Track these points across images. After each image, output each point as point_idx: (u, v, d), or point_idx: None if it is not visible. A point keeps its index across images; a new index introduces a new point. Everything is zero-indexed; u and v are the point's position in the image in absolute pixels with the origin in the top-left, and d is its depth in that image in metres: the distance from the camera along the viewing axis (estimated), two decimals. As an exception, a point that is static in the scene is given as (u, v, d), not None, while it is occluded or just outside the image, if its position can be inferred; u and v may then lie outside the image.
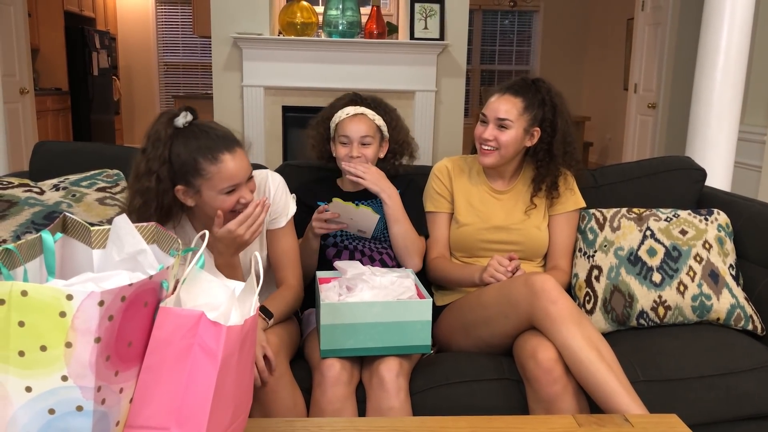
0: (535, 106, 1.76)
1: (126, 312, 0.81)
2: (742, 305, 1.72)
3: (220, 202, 1.41)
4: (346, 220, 1.69)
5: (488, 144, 1.75)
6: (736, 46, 2.59)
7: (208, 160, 1.37)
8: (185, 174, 1.39)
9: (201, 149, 1.38)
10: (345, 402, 1.45)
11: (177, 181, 1.40)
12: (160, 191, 1.38)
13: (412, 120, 4.26)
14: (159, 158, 1.37)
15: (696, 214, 1.85)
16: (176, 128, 1.39)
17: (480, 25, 8.33)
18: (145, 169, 1.38)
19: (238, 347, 0.92)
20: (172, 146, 1.38)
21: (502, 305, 1.54)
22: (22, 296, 0.77)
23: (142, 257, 0.97)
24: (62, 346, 0.78)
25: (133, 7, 8.03)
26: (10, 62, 4.70)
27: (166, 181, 1.38)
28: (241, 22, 4.13)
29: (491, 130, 1.75)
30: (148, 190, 1.38)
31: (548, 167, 1.80)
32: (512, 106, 1.74)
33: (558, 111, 1.78)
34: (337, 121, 1.83)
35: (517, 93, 1.76)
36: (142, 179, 1.38)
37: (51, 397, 0.80)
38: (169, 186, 1.39)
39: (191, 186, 1.40)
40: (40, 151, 1.96)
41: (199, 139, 1.39)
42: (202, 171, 1.38)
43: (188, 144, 1.38)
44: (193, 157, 1.37)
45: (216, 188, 1.39)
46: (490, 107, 1.77)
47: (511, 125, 1.73)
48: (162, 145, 1.37)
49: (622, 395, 1.33)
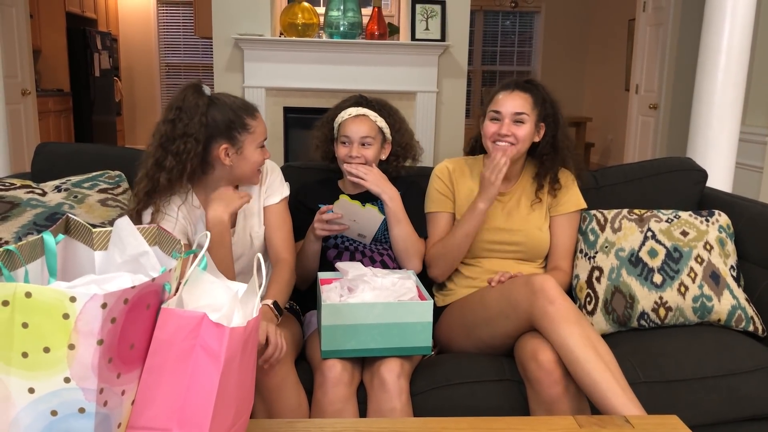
0: (539, 102, 1.80)
1: (128, 314, 0.82)
2: (743, 306, 1.72)
3: (256, 156, 1.61)
4: (348, 222, 1.69)
5: (506, 140, 1.75)
6: (737, 47, 2.59)
7: (250, 116, 1.60)
8: (230, 131, 1.57)
9: (241, 108, 1.59)
10: (346, 403, 1.45)
11: (219, 141, 1.56)
12: (197, 153, 1.54)
13: (414, 121, 4.27)
14: (198, 123, 1.52)
15: (697, 216, 1.85)
16: (208, 97, 1.57)
17: (481, 25, 8.33)
18: (182, 132, 1.52)
19: (241, 349, 0.92)
20: (208, 112, 1.55)
21: (503, 305, 1.55)
22: (26, 298, 0.77)
23: (144, 259, 0.97)
24: (65, 347, 0.78)
25: (135, 8, 8.04)
26: (11, 63, 4.71)
27: (202, 143, 1.54)
28: (243, 23, 4.14)
29: (508, 125, 1.75)
30: (185, 150, 1.52)
31: (554, 160, 1.83)
32: (525, 101, 1.76)
33: (557, 107, 1.83)
34: (340, 121, 1.84)
35: (524, 89, 1.79)
36: (177, 142, 1.52)
37: (53, 398, 0.80)
38: (203, 149, 1.55)
39: (235, 142, 1.58)
40: (42, 153, 1.97)
41: (235, 102, 1.60)
42: (248, 125, 1.58)
43: (225, 107, 1.57)
44: (238, 115, 1.58)
45: (256, 141, 1.61)
46: (503, 104, 1.77)
47: (527, 119, 1.75)
48: (199, 111, 1.53)
49: (618, 395, 1.32)
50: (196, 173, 1.61)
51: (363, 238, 1.76)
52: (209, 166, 1.61)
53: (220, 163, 1.59)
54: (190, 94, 1.55)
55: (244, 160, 1.60)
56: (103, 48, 7.14)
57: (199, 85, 1.58)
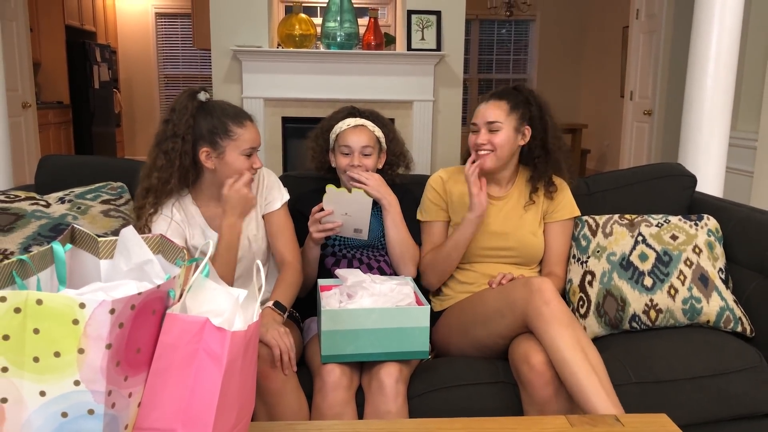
0: (520, 105, 1.83)
1: (135, 320, 0.85)
2: (731, 308, 1.76)
3: (239, 163, 1.64)
4: (340, 218, 1.73)
5: (483, 148, 1.81)
6: (725, 53, 2.62)
7: (236, 124, 1.63)
8: (213, 136, 1.62)
9: (229, 115, 1.64)
10: (345, 406, 1.48)
11: (202, 144, 1.62)
12: (183, 152, 1.61)
13: (411, 130, 4.30)
14: (185, 124, 1.60)
15: (686, 220, 1.89)
16: (200, 101, 1.64)
17: (477, 34, 8.39)
18: (172, 133, 1.61)
19: (242, 352, 0.96)
20: (196, 115, 1.62)
21: (500, 304, 1.59)
22: (38, 305, 0.81)
23: (149, 267, 1.01)
24: (75, 352, 0.82)
25: (134, 20, 8.10)
26: (12, 77, 4.75)
27: (189, 143, 1.61)
28: (241, 34, 4.18)
29: (484, 134, 1.81)
30: (173, 150, 1.60)
31: (546, 162, 1.86)
32: (498, 108, 1.81)
33: (544, 109, 1.86)
34: (338, 131, 1.88)
35: (500, 97, 1.84)
36: (167, 141, 1.61)
37: (64, 401, 0.83)
38: (190, 149, 1.62)
39: (217, 147, 1.62)
40: (46, 165, 2.01)
41: (225, 109, 1.66)
42: (230, 132, 1.62)
43: (214, 112, 1.63)
44: (222, 121, 1.62)
45: (239, 148, 1.63)
46: (477, 114, 1.84)
47: (501, 126, 1.80)
48: (188, 113, 1.61)
49: (602, 397, 1.36)
50: (189, 175, 1.66)
51: (359, 234, 1.77)
52: (200, 169, 1.68)
53: (207, 168, 1.66)
54: (185, 97, 1.64)
55: (226, 165, 1.64)
56: (103, 60, 7.18)
57: (196, 90, 1.66)
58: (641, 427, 1.22)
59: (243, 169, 1.64)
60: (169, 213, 1.67)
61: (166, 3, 8.05)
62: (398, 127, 2.07)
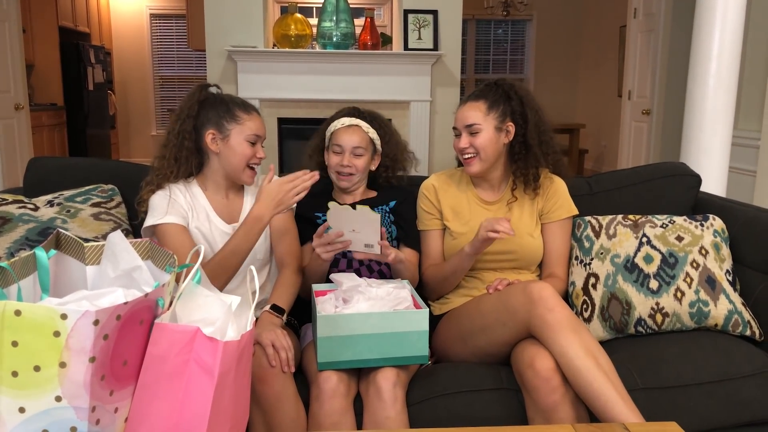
0: (499, 102, 1.77)
1: (121, 330, 0.81)
2: (739, 311, 1.72)
3: (243, 149, 1.66)
4: (348, 235, 1.61)
5: (467, 152, 1.77)
6: (728, 52, 2.60)
7: (242, 110, 1.68)
8: (219, 119, 1.66)
9: (236, 103, 1.70)
10: (343, 415, 1.44)
11: (208, 127, 1.66)
12: (189, 132, 1.68)
13: (408, 130, 4.28)
14: (192, 104, 1.68)
15: (692, 220, 1.85)
16: (210, 92, 1.72)
17: (474, 34, 8.37)
18: (178, 114, 1.70)
19: (235, 363, 0.92)
20: (205, 101, 1.69)
21: (500, 313, 1.54)
22: (16, 316, 0.76)
23: (138, 274, 0.97)
24: (56, 366, 0.78)
25: (128, 21, 8.05)
26: (4, 78, 4.71)
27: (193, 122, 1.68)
28: (236, 35, 4.15)
29: (465, 138, 1.77)
30: (180, 130, 1.68)
31: (526, 159, 1.79)
32: (475, 109, 1.77)
33: (525, 102, 1.79)
34: (332, 130, 1.87)
35: (477, 97, 1.79)
36: (175, 123, 1.70)
37: (45, 417, 0.79)
38: (192, 128, 1.68)
39: (222, 130, 1.66)
40: (34, 167, 1.96)
41: (234, 98, 1.73)
42: (237, 116, 1.67)
43: (220, 98, 1.71)
44: (229, 106, 1.68)
45: (244, 133, 1.66)
46: (457, 119, 1.81)
47: (480, 128, 1.75)
48: (196, 99, 1.69)
49: (619, 404, 1.32)
50: (193, 158, 1.70)
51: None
52: (205, 155, 1.71)
53: (212, 151, 1.68)
54: (197, 87, 1.73)
55: (230, 149, 1.66)
56: (97, 62, 7.14)
57: (208, 83, 1.76)
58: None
59: (246, 157, 1.67)
60: (170, 192, 1.68)
61: (160, 4, 8.00)
62: (395, 127, 2.02)
